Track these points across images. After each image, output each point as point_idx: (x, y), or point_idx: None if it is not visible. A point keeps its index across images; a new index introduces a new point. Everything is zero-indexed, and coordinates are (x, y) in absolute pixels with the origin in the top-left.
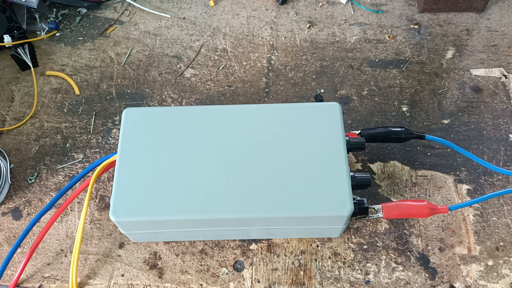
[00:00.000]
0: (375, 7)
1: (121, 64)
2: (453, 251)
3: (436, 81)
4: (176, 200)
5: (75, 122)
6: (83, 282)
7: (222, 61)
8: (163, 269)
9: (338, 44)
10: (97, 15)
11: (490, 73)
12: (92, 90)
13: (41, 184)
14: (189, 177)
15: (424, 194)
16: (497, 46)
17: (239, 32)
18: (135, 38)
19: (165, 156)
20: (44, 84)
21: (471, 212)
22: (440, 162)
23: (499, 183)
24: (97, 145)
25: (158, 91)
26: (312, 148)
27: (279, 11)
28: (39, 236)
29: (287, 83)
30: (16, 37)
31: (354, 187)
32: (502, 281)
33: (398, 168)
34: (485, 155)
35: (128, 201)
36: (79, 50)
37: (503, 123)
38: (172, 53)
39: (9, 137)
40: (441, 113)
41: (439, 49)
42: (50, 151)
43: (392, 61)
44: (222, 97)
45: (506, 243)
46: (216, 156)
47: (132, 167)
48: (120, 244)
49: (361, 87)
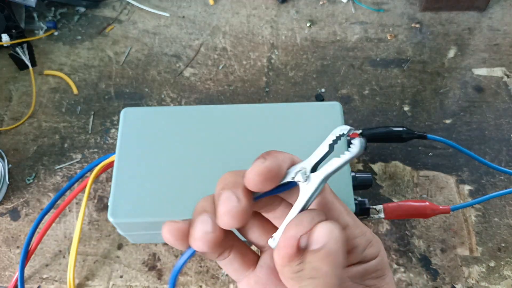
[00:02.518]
0: (376, 6)
1: (120, 63)
2: (454, 252)
3: (437, 81)
4: (175, 201)
5: (74, 122)
6: (82, 284)
7: (222, 60)
8: (162, 271)
9: (339, 43)
10: (96, 14)
11: (492, 73)
12: (90, 90)
13: (39, 185)
14: (188, 178)
15: (425, 195)
16: (499, 46)
17: (239, 31)
18: (134, 37)
19: (165, 157)
20: (42, 83)
21: (473, 213)
22: (442, 163)
23: (501, 184)
24: (96, 145)
25: (157, 90)
26: (313, 148)
27: (279, 10)
28: (37, 238)
29: (288, 83)
30: (14, 36)
31: (355, 187)
32: (504, 282)
33: (400, 168)
34: (487, 155)
35: (126, 202)
36: (77, 49)
37: (505, 123)
38: (171, 52)
39: (7, 137)
40: (443, 112)
41: (440, 48)
42: (48, 151)
43: (394, 60)
44: (222, 97)
45: (508, 244)
46: (216, 156)
47: (130, 168)
48: (118, 245)
49: (362, 87)
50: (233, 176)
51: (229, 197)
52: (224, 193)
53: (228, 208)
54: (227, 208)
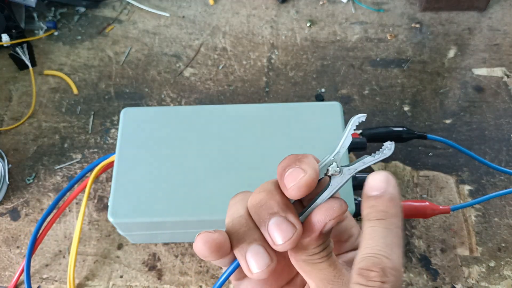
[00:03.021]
0: (376, 6)
1: (120, 63)
2: (454, 252)
3: (437, 81)
4: (175, 201)
5: (74, 122)
6: (82, 284)
7: (222, 60)
8: (162, 271)
9: (339, 43)
10: (96, 14)
11: (492, 73)
12: (90, 90)
13: (39, 185)
14: (188, 178)
15: (425, 195)
16: (499, 46)
17: (239, 31)
18: (133, 37)
19: (164, 157)
20: (42, 83)
21: (473, 213)
22: (442, 163)
23: (501, 184)
24: (96, 145)
25: (157, 90)
26: (313, 148)
27: (279, 10)
28: (38, 238)
29: (288, 83)
30: (14, 36)
31: (355, 187)
32: (504, 283)
33: (400, 168)
34: (487, 155)
35: (126, 202)
36: (77, 49)
37: (505, 123)
38: (171, 52)
39: (7, 137)
40: (443, 112)
41: (440, 48)
42: (48, 151)
43: (394, 60)
44: (222, 97)
45: (508, 244)
46: (216, 156)
47: (130, 168)
48: (118, 245)
49: (362, 87)
50: (270, 198)
51: (282, 227)
52: (274, 220)
53: (288, 236)
54: (287, 236)
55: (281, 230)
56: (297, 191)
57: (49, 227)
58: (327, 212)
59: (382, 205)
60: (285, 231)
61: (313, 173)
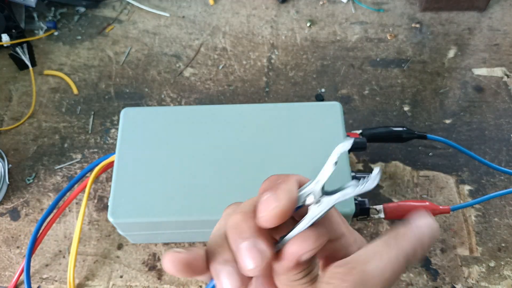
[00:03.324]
0: (376, 6)
1: (120, 63)
2: (454, 252)
3: (437, 81)
4: (175, 201)
5: (74, 122)
6: (82, 284)
7: (222, 60)
8: (162, 271)
9: (339, 43)
10: (96, 14)
11: (492, 73)
12: (90, 90)
13: (39, 185)
14: (188, 178)
15: (425, 195)
16: (499, 46)
17: (239, 31)
18: (133, 37)
19: (164, 157)
20: (42, 83)
21: (473, 213)
22: (442, 163)
23: (501, 184)
24: (96, 145)
25: (157, 90)
26: (313, 148)
27: (280, 10)
28: (38, 238)
29: (288, 83)
30: (14, 36)
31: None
32: (504, 283)
33: (400, 168)
34: (487, 155)
35: (126, 202)
36: (77, 49)
37: (505, 123)
38: (171, 52)
39: (7, 137)
40: (443, 112)
41: (440, 48)
42: (48, 151)
43: (394, 60)
44: (222, 97)
45: (508, 244)
46: (216, 156)
47: (130, 168)
48: (118, 245)
49: (362, 87)
50: (244, 221)
51: (251, 252)
52: (245, 245)
53: (257, 263)
54: (255, 263)
55: (250, 255)
56: (267, 222)
57: (49, 227)
58: (301, 244)
59: None
60: (254, 257)
61: (287, 203)
